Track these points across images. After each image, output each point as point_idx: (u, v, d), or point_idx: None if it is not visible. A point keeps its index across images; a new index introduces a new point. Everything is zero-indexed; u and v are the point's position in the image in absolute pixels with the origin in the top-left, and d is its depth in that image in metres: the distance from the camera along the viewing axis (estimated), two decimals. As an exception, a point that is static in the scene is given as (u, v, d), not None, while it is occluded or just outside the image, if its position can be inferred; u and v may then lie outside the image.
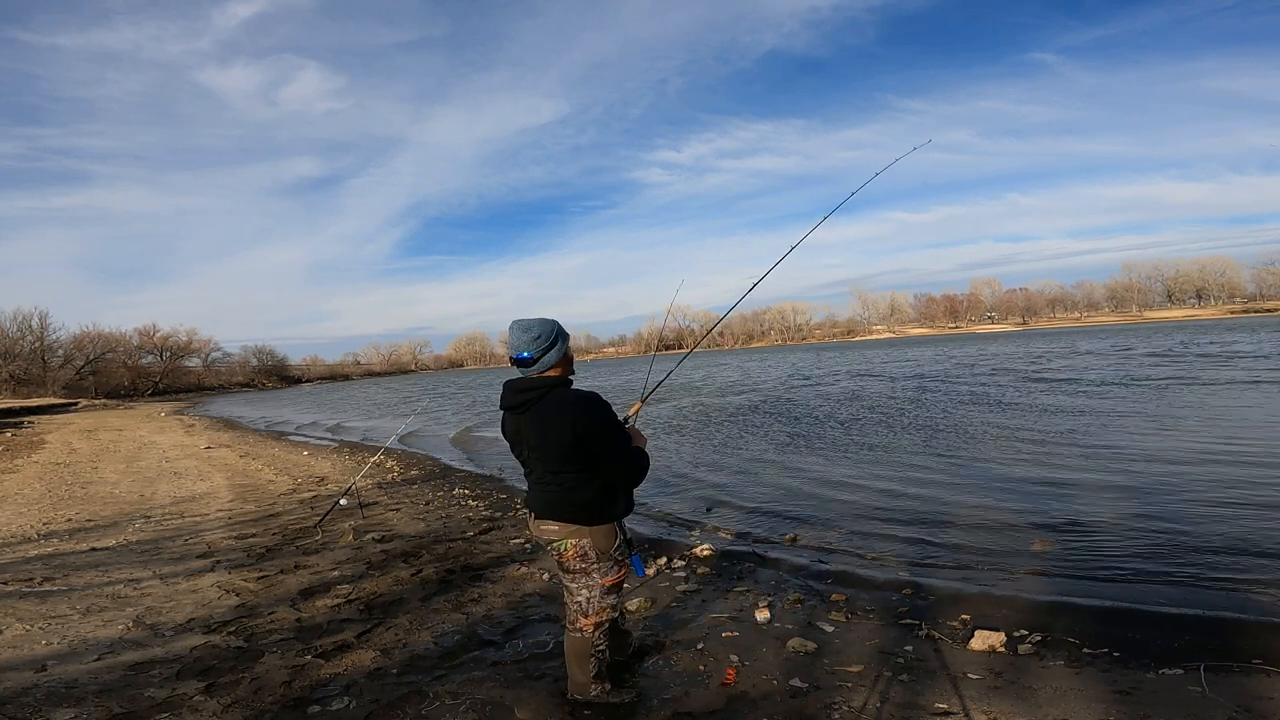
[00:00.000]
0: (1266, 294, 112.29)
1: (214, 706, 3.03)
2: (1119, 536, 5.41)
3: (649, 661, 3.35)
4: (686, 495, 8.01)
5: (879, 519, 6.44)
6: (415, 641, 3.73)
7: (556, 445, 2.64)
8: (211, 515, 7.64)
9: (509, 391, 2.76)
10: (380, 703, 3.03)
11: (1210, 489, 6.63)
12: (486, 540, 6.02)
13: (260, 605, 4.42)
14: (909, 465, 8.95)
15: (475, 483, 9.47)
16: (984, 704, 2.87)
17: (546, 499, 2.76)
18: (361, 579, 4.93)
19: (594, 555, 2.77)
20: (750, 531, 6.27)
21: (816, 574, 4.91)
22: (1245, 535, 5.22)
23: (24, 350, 64.86)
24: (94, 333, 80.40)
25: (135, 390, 77.95)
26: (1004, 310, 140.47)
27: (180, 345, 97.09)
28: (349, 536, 6.24)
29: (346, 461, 12.46)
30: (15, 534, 6.92)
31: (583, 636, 2.87)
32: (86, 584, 5.03)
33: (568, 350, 2.79)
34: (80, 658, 3.63)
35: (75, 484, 10.51)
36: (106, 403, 54.39)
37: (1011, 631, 3.67)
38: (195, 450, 15.29)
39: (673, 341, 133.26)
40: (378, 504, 7.90)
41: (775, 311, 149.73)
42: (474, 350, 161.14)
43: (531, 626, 3.91)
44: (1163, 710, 2.77)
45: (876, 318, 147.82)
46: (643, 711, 2.87)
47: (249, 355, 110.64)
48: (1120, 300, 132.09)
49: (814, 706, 2.87)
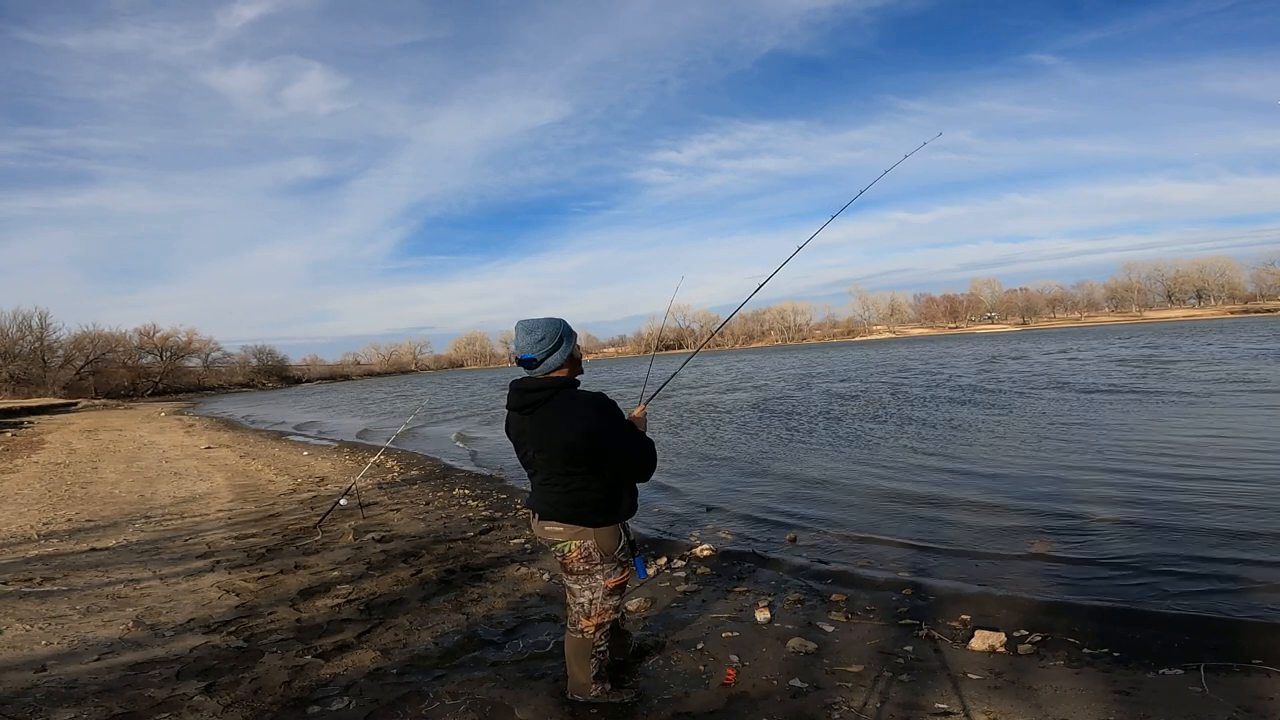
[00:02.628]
0: (1266, 294, 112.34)
1: (214, 706, 3.03)
2: (1119, 536, 5.41)
3: (649, 661, 3.35)
4: (686, 495, 8.01)
5: (879, 519, 6.44)
6: (415, 641, 3.73)
7: (563, 447, 2.63)
8: (211, 515, 7.64)
9: (516, 392, 2.74)
10: (380, 703, 3.03)
11: (1210, 489, 6.62)
12: (487, 540, 6.02)
13: (260, 605, 4.42)
14: (909, 465, 8.95)
15: (475, 483, 9.47)
16: (984, 704, 2.87)
17: (551, 500, 2.74)
18: (361, 579, 4.93)
19: (598, 556, 2.76)
20: (750, 532, 6.27)
21: (816, 574, 4.91)
22: (1245, 535, 5.22)
23: (24, 350, 64.80)
24: (94, 333, 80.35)
25: (135, 390, 77.85)
26: (1004, 310, 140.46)
27: (180, 345, 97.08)
28: (349, 536, 6.24)
29: (346, 461, 12.46)
30: (15, 534, 6.91)
31: (584, 637, 2.86)
32: (86, 584, 5.03)
33: (575, 350, 2.75)
34: (80, 658, 3.63)
35: (75, 484, 10.50)
36: (106, 403, 54.35)
37: (1011, 631, 3.67)
38: (195, 450, 15.29)
39: (673, 341, 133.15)
40: (378, 504, 7.90)
41: (775, 311, 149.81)
42: (474, 350, 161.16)
43: (531, 626, 3.91)
44: (1163, 710, 2.77)
45: (876, 318, 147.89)
46: (643, 711, 2.87)
47: (249, 355, 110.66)
48: (1120, 300, 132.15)
49: (814, 706, 2.87)
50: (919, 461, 9.17)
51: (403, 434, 15.17)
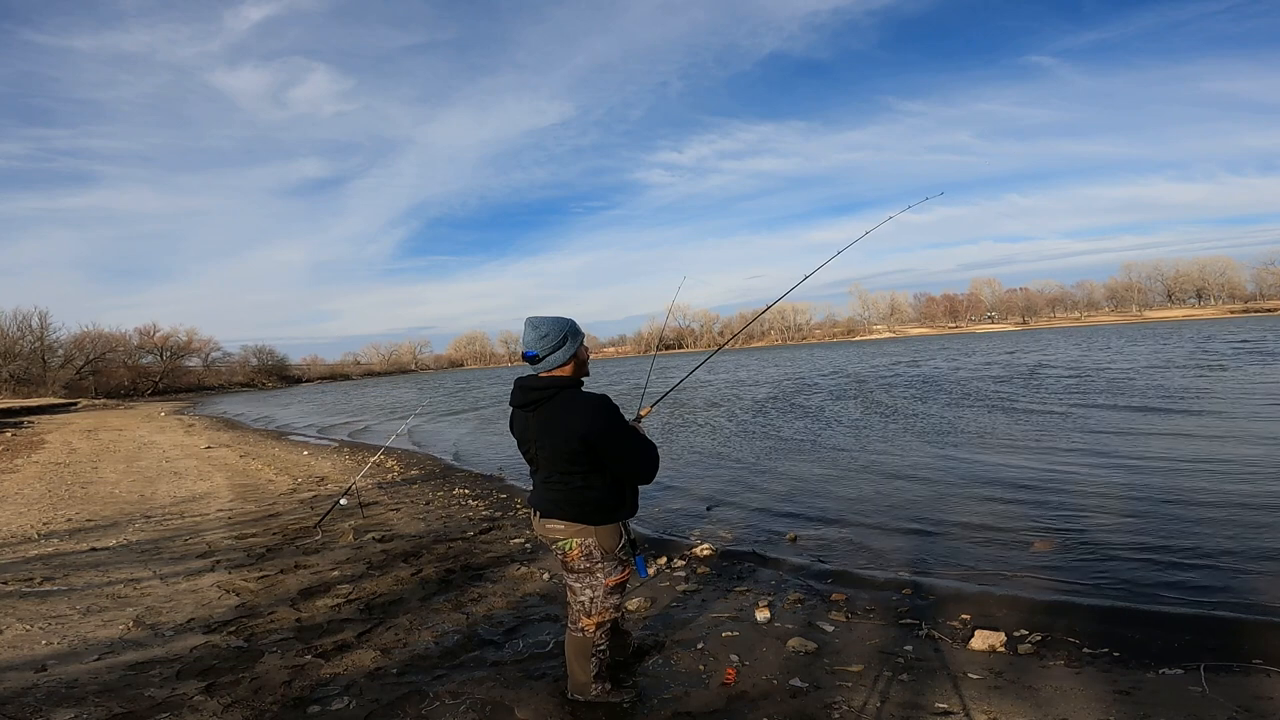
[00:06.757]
0: (1266, 294, 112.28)
1: (214, 706, 3.03)
2: (1119, 536, 5.41)
3: (649, 661, 3.35)
4: (686, 495, 8.01)
5: (879, 519, 6.44)
6: (415, 641, 3.73)
7: (564, 446, 2.63)
8: (212, 515, 7.64)
9: (519, 389, 2.75)
10: (380, 702, 3.03)
11: (1210, 489, 6.62)
12: (487, 540, 6.02)
13: (260, 605, 4.42)
14: (909, 465, 8.95)
15: (475, 482, 9.48)
16: (984, 704, 2.87)
17: (553, 498, 2.75)
18: (362, 579, 4.93)
19: (599, 555, 2.77)
20: (750, 531, 6.27)
21: (816, 574, 4.91)
22: (1245, 535, 5.22)
23: (24, 350, 64.83)
24: (94, 333, 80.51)
25: (135, 390, 77.91)
26: (1004, 310, 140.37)
27: (180, 345, 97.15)
28: (349, 536, 6.24)
29: (346, 461, 12.47)
30: (15, 534, 6.91)
31: (584, 636, 2.87)
32: (86, 584, 5.03)
33: (579, 350, 2.75)
34: (80, 658, 3.63)
35: (75, 484, 10.50)
36: (106, 402, 54.35)
37: (1012, 631, 3.67)
38: (195, 450, 15.29)
39: (673, 341, 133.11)
40: (378, 504, 7.90)
41: (775, 311, 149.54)
42: (474, 350, 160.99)
43: (531, 626, 3.91)
44: (1163, 710, 2.77)
45: (876, 317, 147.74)
46: (643, 711, 2.87)
47: (249, 355, 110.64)
48: (1120, 300, 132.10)
49: (814, 706, 2.87)
50: (919, 461, 9.17)
51: (403, 434, 15.17)
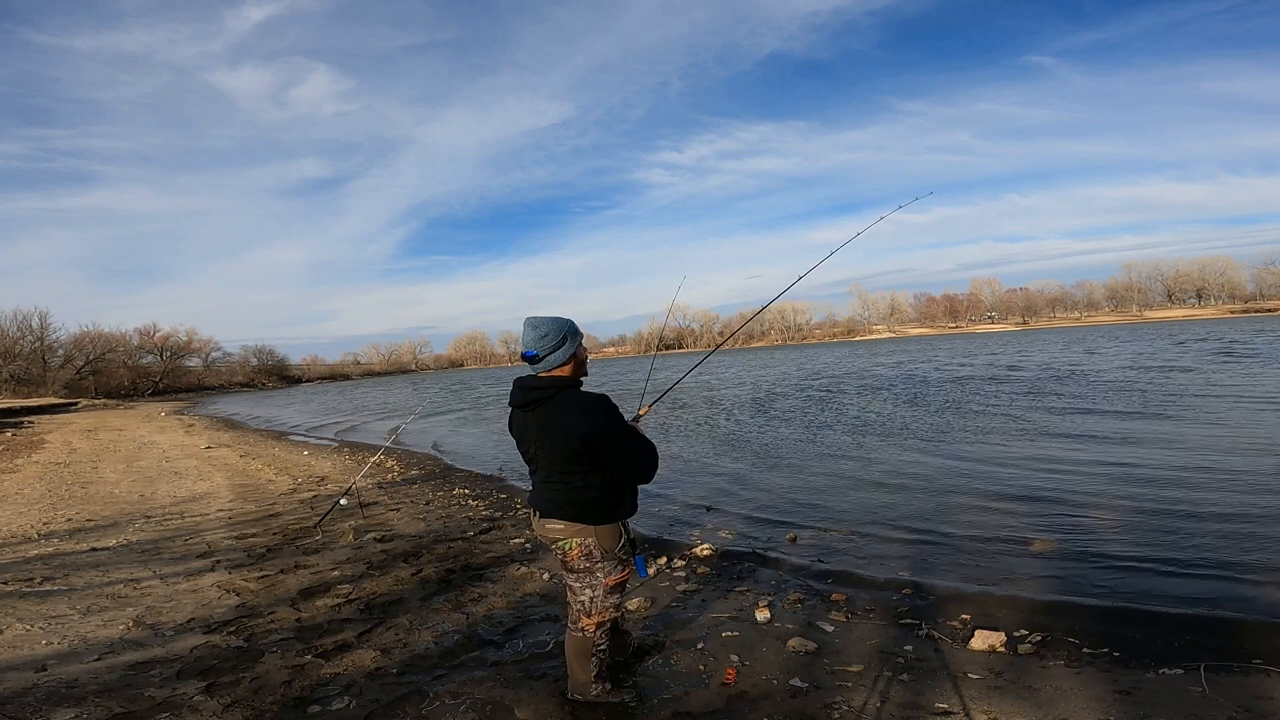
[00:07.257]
0: (1266, 293, 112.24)
1: (214, 706, 3.03)
2: (1119, 536, 5.41)
3: (649, 661, 3.35)
4: (686, 495, 8.01)
5: (879, 519, 6.44)
6: (415, 641, 3.73)
7: (564, 446, 2.63)
8: (212, 515, 7.64)
9: (518, 389, 2.76)
10: (380, 702, 3.03)
11: (1211, 490, 6.63)
12: (487, 540, 6.02)
13: (260, 605, 4.42)
14: (909, 465, 8.95)
15: (475, 482, 9.48)
16: (984, 704, 2.87)
17: (552, 498, 2.75)
18: (362, 579, 4.93)
19: (598, 554, 2.77)
20: (750, 531, 6.27)
21: (816, 574, 4.91)
22: (1245, 535, 5.22)
23: (24, 350, 64.83)
24: (94, 333, 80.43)
25: (135, 390, 77.87)
26: (1004, 310, 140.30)
27: (180, 345, 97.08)
28: (349, 536, 6.24)
29: (346, 461, 12.47)
30: (15, 534, 6.91)
31: (584, 636, 2.87)
32: (86, 584, 5.03)
33: (579, 351, 2.76)
34: (80, 658, 3.63)
35: (75, 484, 10.50)
36: (106, 402, 54.34)
37: (1012, 631, 3.67)
38: (195, 450, 15.29)
39: (672, 341, 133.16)
40: (378, 504, 7.90)
41: (775, 311, 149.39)
42: (474, 350, 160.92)
43: (531, 626, 3.91)
44: (1163, 710, 2.77)
45: (876, 317, 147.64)
46: (643, 711, 2.87)
47: (249, 355, 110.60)
48: (1120, 300, 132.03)
49: (814, 706, 2.87)
50: (919, 461, 9.17)
51: (403, 434, 15.18)
